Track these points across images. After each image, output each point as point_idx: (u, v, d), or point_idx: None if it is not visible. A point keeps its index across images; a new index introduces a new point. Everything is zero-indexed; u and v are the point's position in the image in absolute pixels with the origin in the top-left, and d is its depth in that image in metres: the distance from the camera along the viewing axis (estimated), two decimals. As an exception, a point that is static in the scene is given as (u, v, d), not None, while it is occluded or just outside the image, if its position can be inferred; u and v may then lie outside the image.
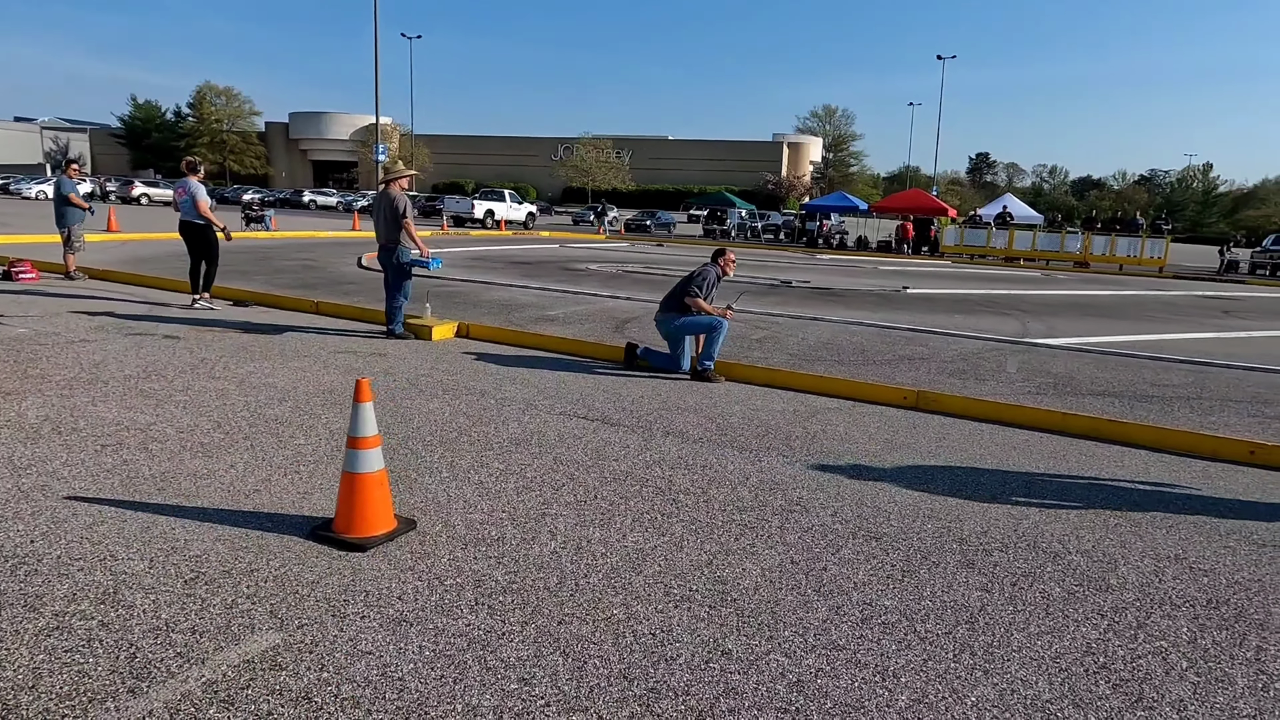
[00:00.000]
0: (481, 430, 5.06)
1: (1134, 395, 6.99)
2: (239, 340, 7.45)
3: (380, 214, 7.92)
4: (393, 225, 7.82)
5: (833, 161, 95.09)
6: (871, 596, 3.15)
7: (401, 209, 7.83)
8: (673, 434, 5.22)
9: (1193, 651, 2.86)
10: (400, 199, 7.88)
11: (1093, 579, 3.40)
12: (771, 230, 41.09)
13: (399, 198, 7.88)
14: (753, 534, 3.69)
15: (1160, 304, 16.23)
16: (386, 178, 8.25)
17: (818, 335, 9.43)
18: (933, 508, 4.14)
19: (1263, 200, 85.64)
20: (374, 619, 2.78)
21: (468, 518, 3.69)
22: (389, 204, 7.85)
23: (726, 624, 2.88)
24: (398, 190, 7.97)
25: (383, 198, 7.97)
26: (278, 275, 12.87)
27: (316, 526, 3.46)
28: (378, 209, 7.99)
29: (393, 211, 7.82)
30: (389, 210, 7.84)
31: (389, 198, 7.89)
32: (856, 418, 5.89)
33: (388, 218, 7.84)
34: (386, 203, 7.87)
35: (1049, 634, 2.93)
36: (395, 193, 7.92)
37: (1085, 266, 27.45)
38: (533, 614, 2.88)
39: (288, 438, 4.69)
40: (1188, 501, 4.44)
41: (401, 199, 7.89)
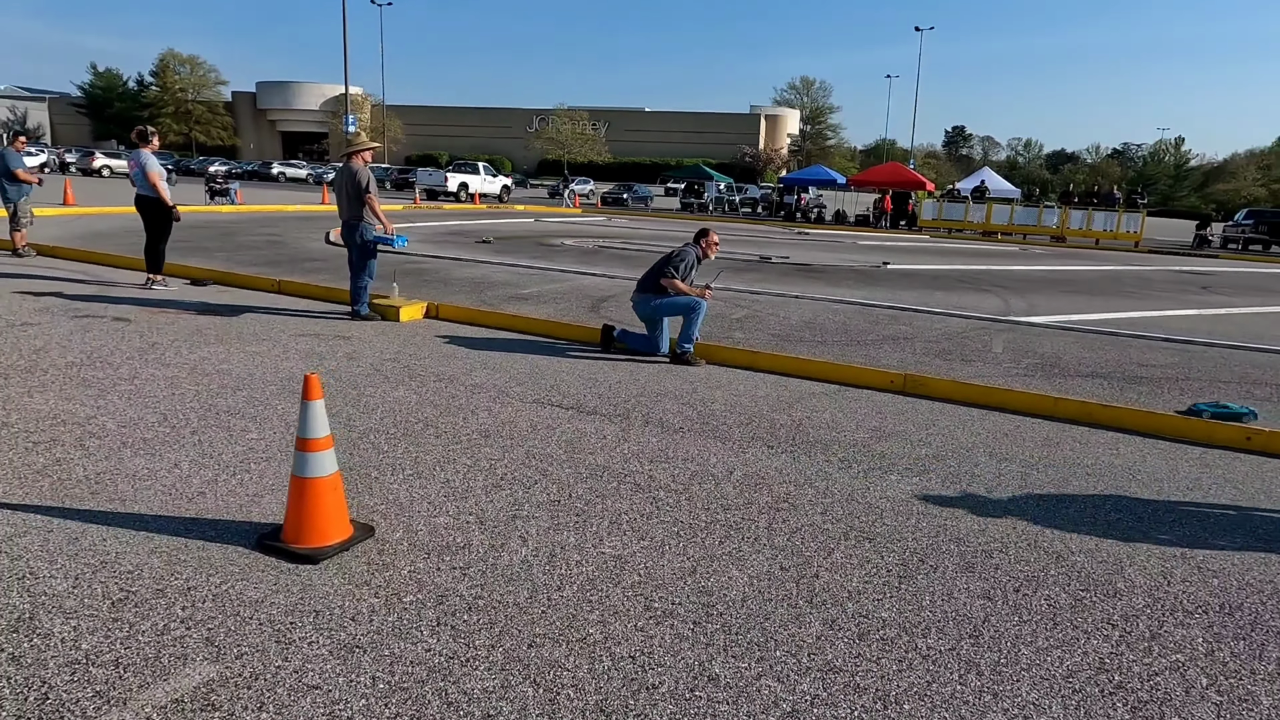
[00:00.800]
0: (449, 421, 4.76)
1: (1122, 376, 6.84)
2: (194, 322, 7.07)
3: (342, 189, 7.53)
4: (355, 201, 7.44)
5: (810, 134, 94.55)
6: (868, 607, 2.92)
7: (364, 183, 7.44)
8: (652, 423, 4.96)
9: (1211, 666, 2.66)
10: (362, 173, 7.49)
11: (1099, 583, 3.20)
12: (750, 204, 40.72)
13: (361, 171, 7.48)
14: (739, 536, 3.45)
15: (1138, 280, 16.18)
16: (348, 150, 7.82)
17: (800, 314, 9.19)
18: (927, 504, 3.92)
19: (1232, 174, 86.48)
20: (323, 645, 2.51)
21: (431, 521, 3.42)
22: (350, 178, 7.46)
23: (713, 643, 2.64)
24: (359, 164, 7.56)
25: (344, 172, 7.56)
26: (241, 252, 12.39)
27: (264, 535, 3.17)
28: (339, 184, 7.59)
29: (355, 186, 7.43)
30: (351, 185, 7.45)
31: (350, 171, 7.49)
32: (843, 403, 5.67)
33: (349, 193, 7.45)
34: (348, 177, 7.47)
35: (1058, 648, 2.72)
36: (357, 166, 7.52)
37: (1062, 241, 27.44)
38: (500, 635, 2.62)
39: (240, 432, 4.37)
40: (1188, 492, 4.26)
41: (364, 173, 7.49)
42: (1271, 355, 8.12)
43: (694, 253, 6.84)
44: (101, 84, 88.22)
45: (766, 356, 6.65)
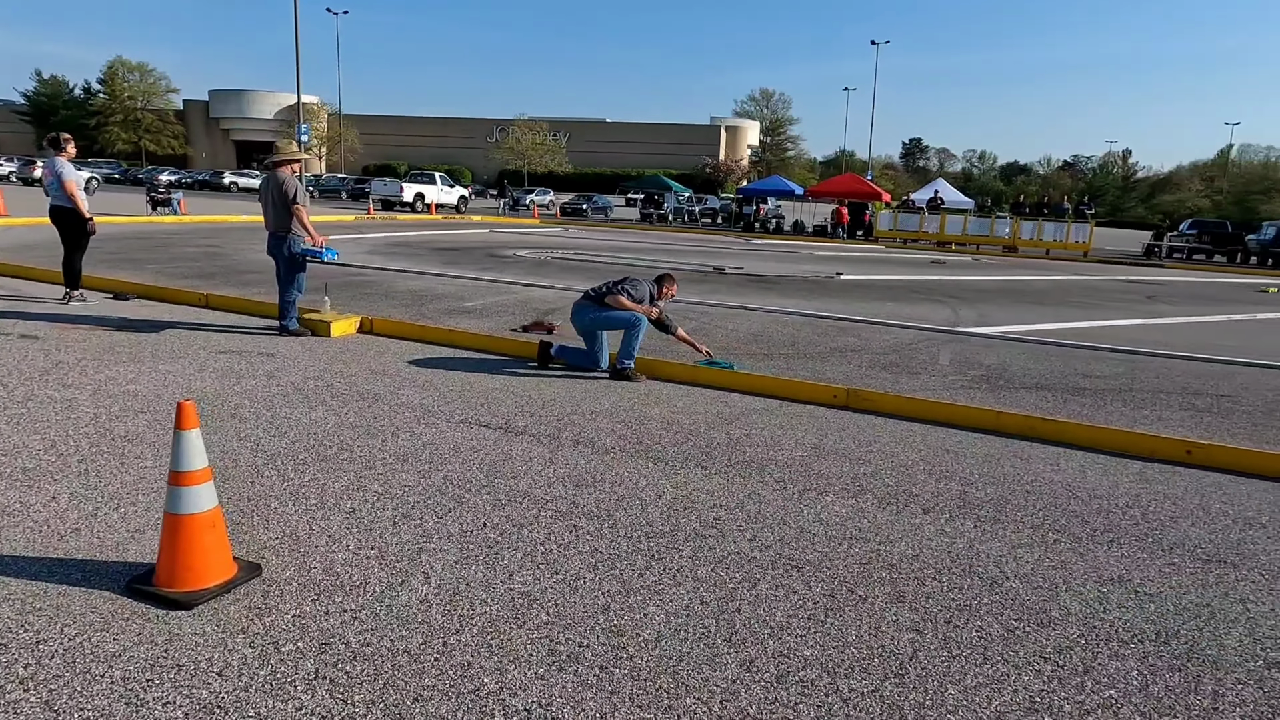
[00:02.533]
0: (366, 444, 4.50)
1: (1066, 388, 6.79)
2: (108, 339, 6.69)
3: (268, 199, 7.21)
4: (282, 211, 7.13)
5: (770, 145, 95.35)
6: (790, 644, 2.74)
7: (291, 193, 7.12)
8: (583, 443, 4.75)
9: (1145, 702, 2.52)
10: (290, 182, 7.16)
11: (1033, 611, 3.06)
12: (709, 214, 40.81)
13: (288, 181, 7.16)
14: (660, 567, 3.25)
15: (1086, 289, 16.39)
16: (275, 159, 7.48)
17: (748, 326, 9.05)
18: (861, 527, 3.76)
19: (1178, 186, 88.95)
20: (179, 706, 2.25)
21: (328, 557, 3.16)
22: (277, 188, 7.13)
23: (618, 691, 2.43)
24: (287, 173, 7.23)
25: (270, 181, 7.22)
26: (173, 264, 11.93)
27: (135, 578, 2.89)
28: (265, 194, 7.26)
29: (281, 196, 7.11)
30: (277, 195, 7.13)
31: (277, 181, 7.16)
32: (784, 419, 5.51)
33: (276, 203, 7.14)
34: (274, 186, 7.15)
35: (987, 686, 2.56)
36: (284, 175, 7.19)
37: (1014, 251, 27.86)
38: (384, 689, 2.38)
39: (133, 459, 4.06)
40: (1126, 512, 4.16)
41: (291, 182, 7.17)
42: (1212, 365, 8.17)
43: (649, 288, 6.66)
44: (46, 91, 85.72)
45: (708, 372, 6.48)
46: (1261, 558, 3.66)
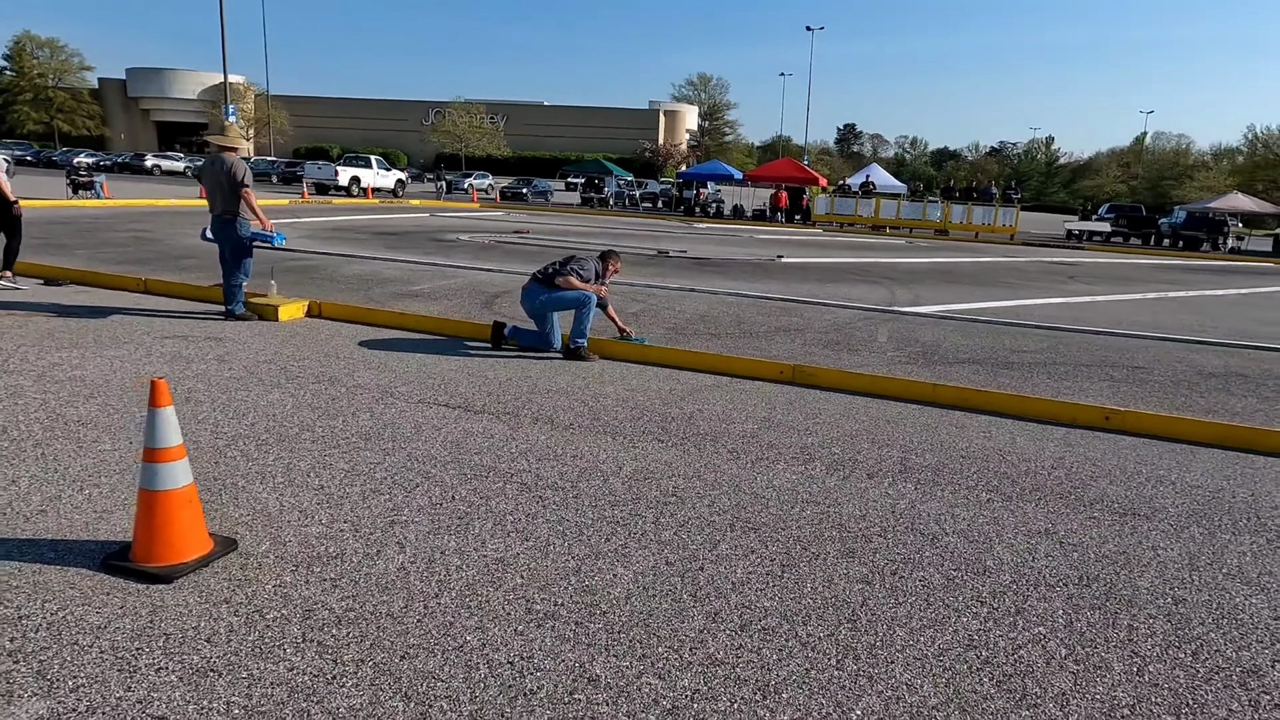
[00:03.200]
0: (327, 424, 4.55)
1: (996, 362, 7.18)
2: (46, 325, 6.52)
3: (215, 183, 7.09)
4: (230, 195, 7.02)
5: (708, 130, 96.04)
6: (750, 598, 2.94)
7: (240, 176, 7.01)
8: (542, 420, 4.88)
9: (1070, 637, 2.80)
10: (239, 165, 7.05)
11: (970, 562, 3.32)
12: (650, 199, 40.93)
13: (236, 164, 7.05)
14: (625, 532, 3.41)
15: (1013, 270, 17.11)
16: (222, 144, 7.32)
17: (695, 308, 9.26)
18: (811, 491, 3.99)
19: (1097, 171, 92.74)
20: (172, 671, 2.33)
21: (302, 531, 3.24)
22: (225, 171, 7.01)
23: (594, 643, 2.59)
24: (234, 156, 7.13)
25: (216, 164, 7.10)
26: (104, 249, 11.55)
27: (110, 555, 2.92)
28: (210, 177, 7.13)
29: (230, 179, 7.00)
30: (226, 178, 7.01)
31: (224, 163, 7.04)
32: (734, 395, 5.73)
33: (224, 186, 7.02)
34: (222, 169, 7.03)
35: (931, 628, 2.80)
36: (231, 158, 7.08)
37: (945, 234, 28.76)
38: (371, 648, 2.49)
39: (90, 443, 4.04)
40: (1052, 473, 4.49)
41: (240, 165, 7.06)
42: (1127, 340, 8.70)
43: (595, 265, 6.79)
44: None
45: (658, 350, 6.66)
46: (1170, 510, 4.02)
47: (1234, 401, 6.21)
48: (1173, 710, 2.43)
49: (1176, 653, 2.74)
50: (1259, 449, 5.07)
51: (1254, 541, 3.69)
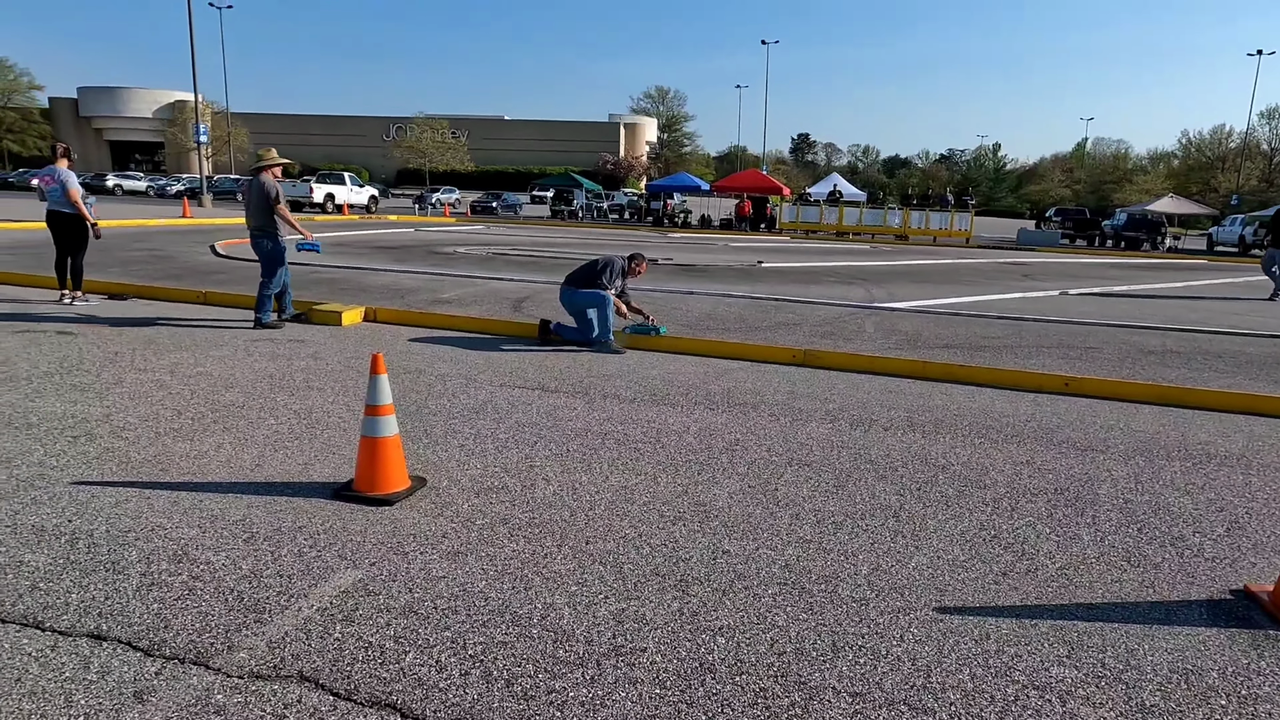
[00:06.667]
0: (437, 403, 5.47)
1: (970, 346, 8.33)
2: (141, 333, 7.31)
3: (251, 202, 7.88)
4: (263, 213, 7.80)
5: (667, 141, 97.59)
6: (819, 505, 3.96)
7: (273, 195, 7.83)
8: (609, 396, 5.85)
9: (1051, 522, 3.87)
10: (271, 185, 7.84)
11: (973, 481, 4.39)
12: (616, 210, 42.07)
13: (269, 184, 7.83)
14: (710, 469, 4.41)
15: (972, 270, 18.49)
16: (256, 166, 8.05)
17: (699, 307, 10.30)
18: (843, 440, 5.03)
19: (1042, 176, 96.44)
20: (433, 553, 3.27)
21: (467, 474, 4.18)
22: (259, 191, 7.82)
23: (718, 533, 3.59)
24: (269, 177, 7.91)
25: (254, 185, 7.90)
26: (131, 267, 12.22)
27: (339, 488, 3.84)
28: (248, 197, 7.94)
29: (263, 199, 7.79)
30: (259, 198, 7.81)
31: (259, 185, 7.83)
32: (759, 374, 6.76)
33: (258, 205, 7.82)
34: (257, 190, 7.83)
35: (952, 519, 3.85)
36: (266, 179, 7.86)
37: (905, 239, 30.33)
38: (561, 539, 3.45)
39: (257, 420, 4.92)
40: (1026, 424, 5.60)
41: (272, 186, 7.85)
42: (1078, 326, 9.95)
43: (621, 263, 7.77)
44: (-113, 88, 78.76)
45: (686, 341, 7.68)
46: (1119, 446, 5.14)
47: (1169, 372, 7.42)
48: (1124, 558, 3.50)
49: (1126, 529, 3.82)
50: (1187, 404, 6.25)
51: (1183, 465, 4.83)
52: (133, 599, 2.81)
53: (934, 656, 2.69)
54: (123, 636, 2.59)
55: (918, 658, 2.68)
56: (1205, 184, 63.16)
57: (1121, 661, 2.71)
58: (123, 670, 2.42)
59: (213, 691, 2.34)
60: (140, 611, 2.74)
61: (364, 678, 2.44)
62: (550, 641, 2.68)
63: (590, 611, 2.88)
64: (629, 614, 2.87)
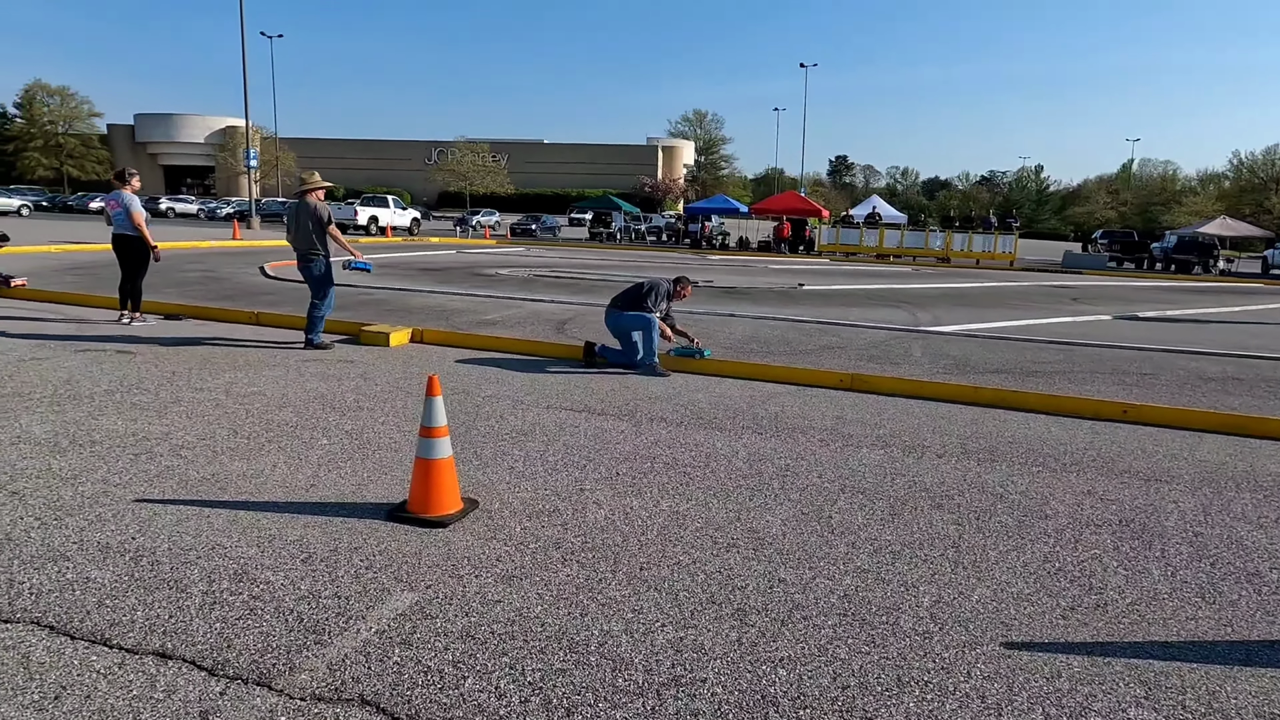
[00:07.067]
0: (485, 424, 5.49)
1: (1021, 371, 8.16)
2: (196, 352, 7.47)
3: (298, 225, 7.94)
4: (315, 235, 7.88)
5: (705, 164, 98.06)
6: (874, 534, 3.88)
7: (325, 217, 7.95)
8: (656, 419, 5.83)
9: (1118, 555, 3.74)
10: (322, 208, 7.93)
11: (1033, 511, 4.27)
12: (654, 232, 42.26)
13: (320, 206, 7.93)
14: (762, 495, 4.36)
15: (1018, 294, 18.18)
16: (301, 189, 8.17)
17: (742, 330, 10.25)
18: (895, 467, 4.94)
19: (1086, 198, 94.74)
20: (487, 576, 3.26)
21: (518, 496, 4.17)
22: (311, 214, 7.91)
23: (773, 560, 3.53)
24: (316, 199, 8.03)
25: (301, 209, 7.96)
26: (186, 287, 12.54)
27: (393, 509, 3.86)
28: (295, 220, 8.01)
29: (317, 221, 7.90)
30: (313, 220, 7.91)
31: (309, 207, 7.91)
32: (805, 399, 6.69)
33: (310, 228, 7.89)
34: (307, 213, 7.91)
35: (1014, 551, 3.74)
36: (315, 202, 7.97)
37: (947, 261, 29.96)
38: (615, 564, 3.43)
39: (310, 440, 4.98)
40: (1085, 452, 5.45)
41: (323, 208, 7.94)
42: (1132, 351, 9.70)
43: (666, 286, 7.77)
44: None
45: (730, 364, 7.63)
46: (1185, 476, 4.97)
47: (1231, 400, 7.19)
48: (1198, 595, 3.37)
49: (1198, 564, 3.68)
50: (1255, 434, 6.03)
51: (1253, 497, 4.65)
52: (196, 617, 2.84)
53: (1004, 694, 2.60)
54: (187, 655, 2.61)
55: (987, 695, 2.59)
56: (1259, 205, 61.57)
57: (1203, 704, 2.59)
58: (188, 690, 2.44)
59: (276, 713, 2.35)
60: (203, 630, 2.76)
61: (424, 703, 2.43)
62: (609, 669, 2.64)
63: (648, 639, 2.84)
64: (687, 643, 2.83)
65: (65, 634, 2.71)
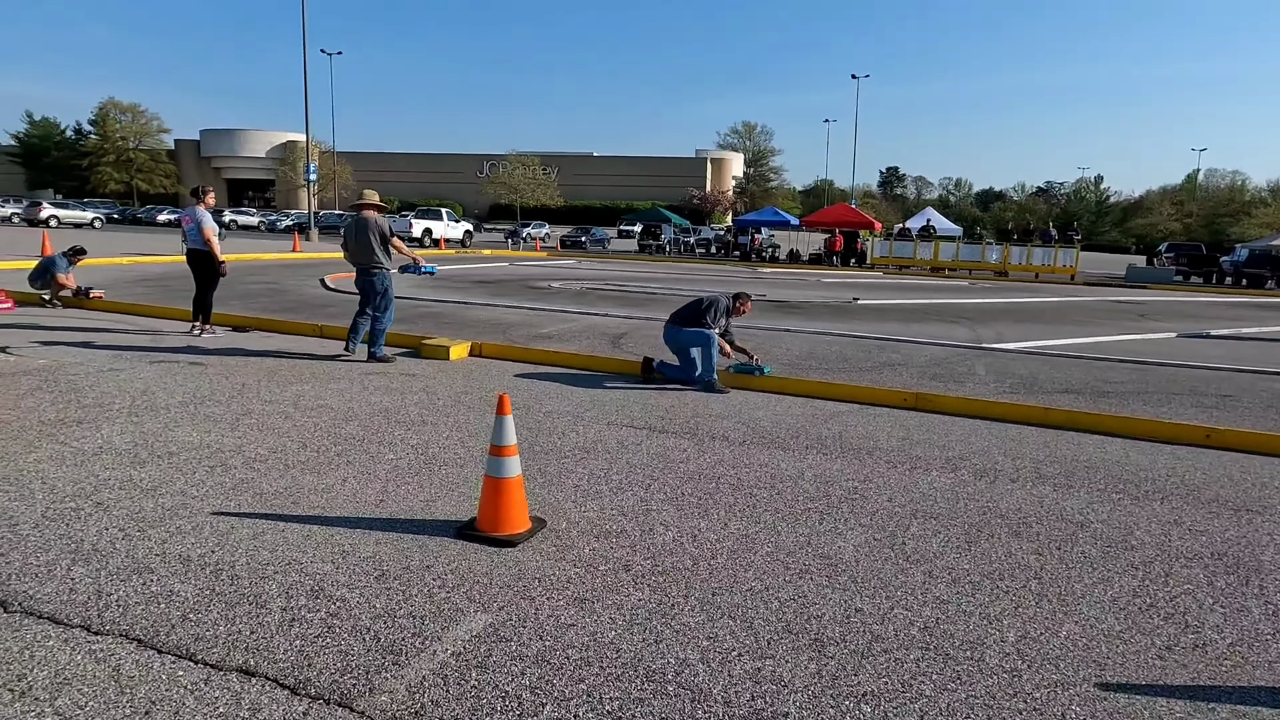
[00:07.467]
0: (547, 440, 5.49)
1: (1091, 391, 7.89)
2: (263, 365, 7.65)
3: (359, 240, 7.99)
4: (378, 249, 7.96)
5: (753, 176, 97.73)
6: (951, 563, 3.76)
7: (389, 230, 8.08)
8: (718, 438, 5.77)
9: (1212, 590, 3.57)
10: (384, 222, 8.04)
11: (1117, 542, 4.10)
12: (703, 245, 42.20)
13: (382, 221, 8.05)
14: (831, 518, 4.27)
15: (1082, 309, 17.67)
16: (357, 204, 8.26)
17: (799, 345, 10.13)
18: (967, 492, 4.80)
19: (1149, 209, 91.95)
20: (559, 599, 3.23)
21: (584, 515, 4.15)
22: (374, 228, 7.98)
23: (848, 589, 3.44)
24: (376, 214, 8.10)
25: (362, 224, 8.01)
26: (251, 300, 12.87)
27: (462, 527, 3.87)
28: (354, 236, 8.04)
29: (380, 235, 8.00)
30: (376, 234, 8.00)
31: (371, 222, 7.98)
32: (868, 418, 6.56)
33: (368, 241, 7.95)
34: (370, 227, 7.97)
35: (1100, 584, 3.59)
36: (375, 216, 8.04)
37: (1005, 275, 29.29)
38: (687, 589, 3.37)
39: (377, 454, 5.03)
40: (1167, 479, 5.23)
41: (385, 222, 8.06)
42: (1209, 371, 9.32)
43: (726, 302, 7.71)
44: (38, 133, 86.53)
45: (790, 381, 7.54)
46: (1278, 507, 4.73)
47: (1321, 424, 6.84)
48: (1305, 637, 3.19)
49: (1302, 602, 3.49)
50: (1350, 462, 5.73)
51: (1354, 531, 4.40)
52: (276, 634, 2.87)
53: (1103, 740, 2.48)
54: (270, 673, 2.63)
55: (1085, 740, 2.48)
56: (1335, 217, 58.96)
57: (1322, 758, 2.44)
58: (273, 709, 2.45)
59: (359, 736, 2.35)
60: (284, 648, 2.79)
61: (504, 730, 2.41)
62: (688, 700, 2.59)
63: (725, 669, 2.78)
64: (765, 674, 2.76)
65: (152, 648, 2.76)
